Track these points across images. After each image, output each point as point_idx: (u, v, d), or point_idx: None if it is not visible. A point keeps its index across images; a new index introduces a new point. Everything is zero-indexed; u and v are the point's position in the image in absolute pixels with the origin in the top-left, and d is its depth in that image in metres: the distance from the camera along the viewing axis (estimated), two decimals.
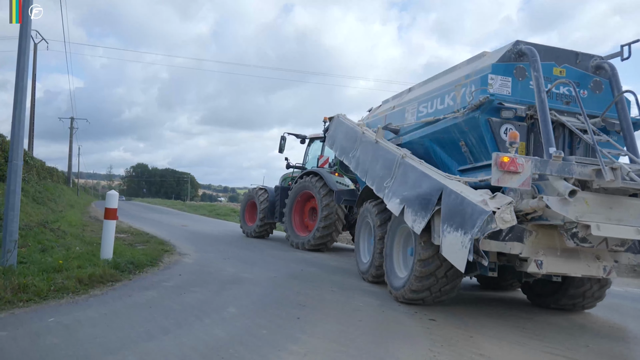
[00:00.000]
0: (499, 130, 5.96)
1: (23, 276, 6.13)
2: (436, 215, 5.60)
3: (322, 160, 13.44)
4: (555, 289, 6.78)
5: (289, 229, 12.99)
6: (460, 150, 6.74)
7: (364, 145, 8.53)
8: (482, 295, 7.63)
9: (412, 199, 6.17)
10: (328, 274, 8.48)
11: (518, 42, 6.24)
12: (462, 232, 4.96)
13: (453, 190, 5.47)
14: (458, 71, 7.16)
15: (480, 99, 5.95)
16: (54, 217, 15.69)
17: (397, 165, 7.02)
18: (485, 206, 4.78)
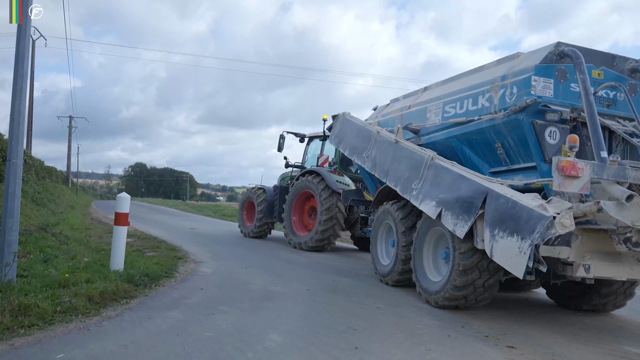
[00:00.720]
0: (544, 133, 5.69)
1: (24, 294, 5.01)
2: (479, 219, 5.32)
3: (322, 160, 12.88)
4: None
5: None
6: (495, 152, 6.47)
7: (380, 145, 8.08)
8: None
9: (451, 202, 5.84)
10: (363, 284, 7.50)
11: (560, 44, 5.91)
12: (519, 238, 4.67)
13: (501, 194, 5.19)
14: (487, 72, 6.86)
15: (526, 101, 5.66)
16: (55, 219, 14.15)
17: (425, 166, 6.62)
18: (544, 211, 4.54)
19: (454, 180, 6.08)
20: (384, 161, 7.84)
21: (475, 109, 6.60)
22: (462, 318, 5.62)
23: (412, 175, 6.92)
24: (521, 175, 6.12)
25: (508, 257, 4.84)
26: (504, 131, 6.18)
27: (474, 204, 5.46)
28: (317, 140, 13.31)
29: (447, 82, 7.83)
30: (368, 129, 8.72)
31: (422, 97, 8.23)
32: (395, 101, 9.44)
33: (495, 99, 6.24)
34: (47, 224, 11.25)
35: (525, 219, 4.71)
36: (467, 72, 7.50)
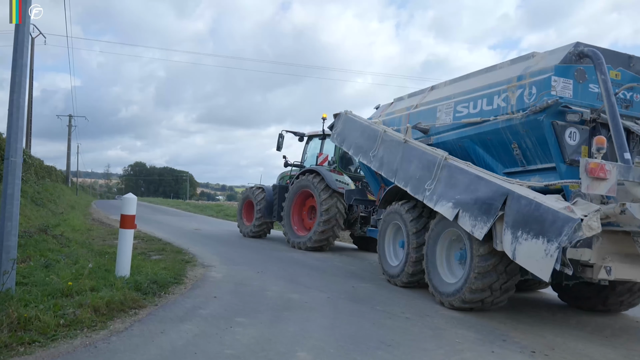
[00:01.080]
0: (564, 134, 5.53)
1: (24, 304, 4.44)
2: (499, 221, 5.17)
3: (321, 158, 12.56)
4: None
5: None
6: (510, 153, 6.28)
7: (388, 145, 7.83)
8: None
9: (468, 203, 5.66)
10: (384, 290, 6.94)
11: (579, 44, 5.73)
12: (545, 240, 4.54)
13: (523, 195, 5.03)
14: (501, 71, 6.67)
15: (547, 102, 5.47)
16: (56, 220, 13.40)
17: (439, 166, 6.41)
18: (572, 214, 4.41)
19: (471, 181, 5.91)
20: (392, 161, 7.61)
21: (490, 109, 6.42)
22: (497, 329, 5.16)
23: (424, 175, 6.71)
24: (538, 177, 5.96)
25: (533, 260, 4.69)
26: (522, 132, 6.01)
27: (494, 205, 5.28)
28: (317, 139, 12.93)
29: (457, 82, 7.60)
30: (374, 128, 8.47)
31: (430, 97, 7.99)
32: (399, 100, 9.18)
33: (512, 99, 6.09)
34: (48, 225, 10.55)
35: (550, 221, 4.56)
36: (478, 72, 7.30)
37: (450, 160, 6.41)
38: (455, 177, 6.19)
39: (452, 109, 7.11)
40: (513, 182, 5.57)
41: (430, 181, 6.50)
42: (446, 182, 6.27)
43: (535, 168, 6.09)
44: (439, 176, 6.40)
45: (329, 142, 12.32)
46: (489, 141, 6.56)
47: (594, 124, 5.73)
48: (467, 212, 5.72)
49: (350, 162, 12.54)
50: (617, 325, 5.92)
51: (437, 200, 6.30)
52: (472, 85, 6.98)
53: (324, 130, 12.09)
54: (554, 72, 5.66)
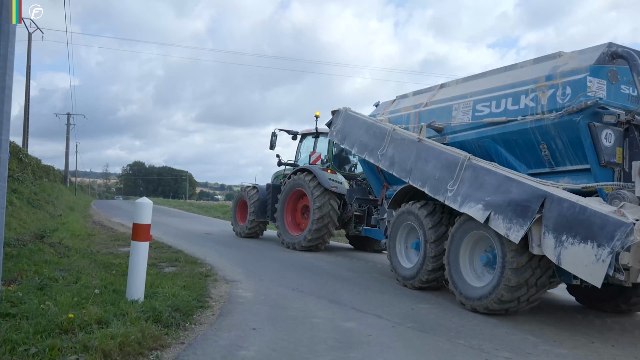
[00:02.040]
0: (600, 136, 5.12)
1: (9, 349, 3.24)
2: (535, 224, 4.83)
3: (314, 157, 11.92)
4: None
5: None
6: (537, 154, 5.89)
7: (399, 143, 7.30)
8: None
9: (502, 206, 5.24)
10: (449, 313, 5.70)
11: (611, 44, 5.39)
12: (595, 245, 4.23)
13: (564, 198, 4.66)
14: (522, 71, 6.29)
15: (586, 102, 5.11)
16: (53, 224, 11.62)
17: (462, 167, 5.95)
18: (623, 217, 4.14)
19: (501, 183, 5.45)
20: (405, 160, 7.07)
21: (517, 109, 6.00)
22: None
23: (444, 175, 6.23)
24: (568, 178, 5.59)
25: (582, 265, 4.36)
26: (554, 132, 5.59)
27: (530, 207, 4.90)
28: (310, 137, 12.19)
29: (471, 80, 7.12)
30: (381, 126, 7.89)
31: (441, 95, 7.47)
32: (403, 98, 8.58)
33: (542, 99, 5.70)
34: (45, 230, 8.93)
35: (599, 225, 4.25)
36: (496, 70, 6.87)
37: (474, 161, 5.92)
38: (482, 178, 5.71)
39: (470, 108, 6.65)
40: (547, 184, 5.13)
41: (453, 182, 6.05)
42: (471, 183, 5.81)
43: (565, 170, 5.69)
44: (462, 177, 5.95)
45: (322, 141, 11.65)
46: (514, 141, 6.08)
47: (627, 126, 5.35)
48: (500, 214, 5.27)
49: (345, 160, 11.88)
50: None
51: (463, 202, 5.80)
52: (492, 84, 6.52)
53: (317, 129, 11.49)
54: (590, 73, 5.28)
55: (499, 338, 4.69)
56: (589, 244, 4.35)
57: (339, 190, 10.31)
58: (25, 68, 29.15)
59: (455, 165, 6.10)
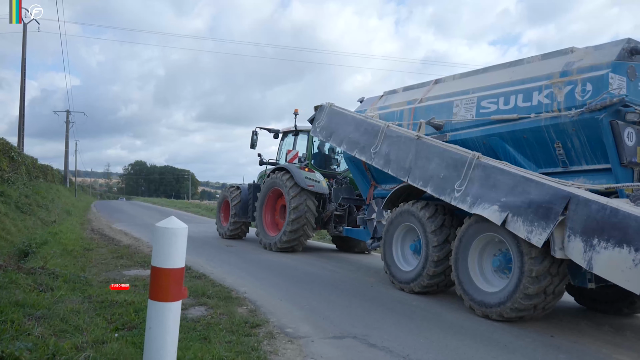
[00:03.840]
0: (623, 134, 4.89)
1: None
2: (558, 226, 4.57)
3: (291, 155, 11.52)
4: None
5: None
6: (550, 152, 5.62)
7: (394, 141, 6.89)
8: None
9: (520, 207, 4.93)
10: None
11: (631, 40, 5.15)
12: (632, 249, 3.99)
13: (591, 199, 4.39)
14: (531, 66, 6.02)
15: (610, 99, 4.84)
16: (43, 234, 9.74)
17: (470, 166, 5.62)
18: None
19: (517, 183, 5.14)
20: (403, 158, 6.66)
21: (528, 106, 5.70)
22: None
23: (450, 175, 5.88)
24: (583, 178, 5.33)
25: (618, 270, 4.13)
26: (571, 131, 5.32)
27: (553, 209, 4.62)
28: (291, 135, 11.74)
29: (472, 75, 6.77)
30: (373, 123, 7.46)
31: (437, 91, 7.10)
32: (392, 93, 8.18)
33: (558, 95, 5.42)
34: (30, 245, 7.26)
35: (635, 229, 4.01)
36: (499, 66, 6.55)
37: (483, 160, 5.58)
38: (494, 178, 5.38)
39: (474, 104, 6.33)
40: (569, 184, 4.85)
41: (460, 181, 5.71)
42: (482, 183, 5.48)
43: (580, 169, 5.44)
44: (472, 176, 5.63)
45: (302, 138, 11.16)
46: (525, 139, 5.77)
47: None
48: (519, 216, 4.95)
49: (326, 158, 11.40)
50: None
51: (474, 203, 5.45)
52: (498, 80, 6.20)
53: (297, 126, 11.02)
54: (611, 69, 5.03)
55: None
56: (625, 249, 4.10)
57: (316, 189, 9.77)
58: (21, 61, 24.81)
59: (463, 164, 5.74)
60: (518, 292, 4.99)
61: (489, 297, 5.34)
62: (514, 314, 5.09)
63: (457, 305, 5.99)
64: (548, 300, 5.08)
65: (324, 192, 9.79)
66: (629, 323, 5.82)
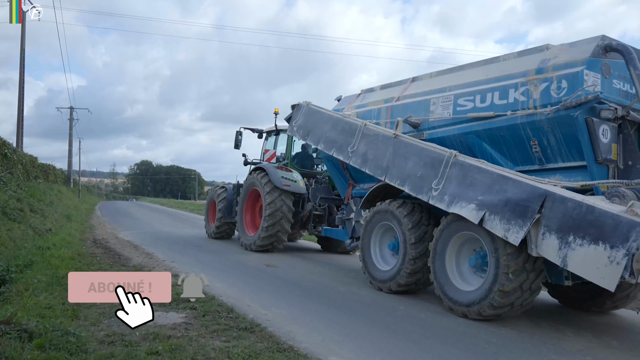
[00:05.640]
0: (598, 131, 4.87)
1: None
2: (534, 224, 4.55)
3: (268, 155, 11.57)
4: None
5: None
6: (526, 150, 5.61)
7: (372, 139, 6.85)
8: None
9: (498, 205, 4.89)
10: None
11: (605, 37, 5.15)
12: (607, 246, 3.99)
13: (568, 197, 4.37)
14: (507, 63, 6.01)
15: (585, 97, 4.82)
16: (30, 250, 7.63)
17: (447, 164, 5.60)
18: (637, 217, 3.92)
19: (494, 181, 5.09)
20: (380, 157, 6.60)
21: (505, 103, 5.68)
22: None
23: (427, 173, 5.83)
24: (559, 175, 5.34)
25: (593, 268, 4.12)
26: (547, 128, 5.30)
27: (530, 207, 4.60)
28: (273, 135, 11.74)
29: (448, 73, 6.75)
30: (351, 121, 7.39)
31: (414, 88, 7.03)
32: (369, 92, 8.10)
33: (534, 93, 5.40)
34: (7, 270, 5.57)
35: (611, 226, 4.02)
36: (476, 64, 6.51)
37: (460, 158, 5.53)
38: (471, 176, 5.33)
39: (451, 102, 6.28)
40: (545, 182, 4.82)
41: (438, 180, 5.67)
42: (460, 182, 5.43)
43: (556, 167, 5.43)
44: (449, 175, 5.58)
45: (283, 138, 11.10)
46: (502, 137, 5.73)
47: (620, 122, 5.15)
48: (496, 215, 4.90)
49: (307, 157, 11.33)
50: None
51: (452, 201, 5.39)
52: (474, 78, 6.15)
53: (277, 126, 10.96)
54: (586, 66, 5.01)
55: None
56: (600, 246, 4.09)
57: (292, 188, 9.65)
58: (19, 60, 22.49)
59: (440, 163, 5.68)
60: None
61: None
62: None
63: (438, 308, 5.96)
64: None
65: (301, 192, 9.69)
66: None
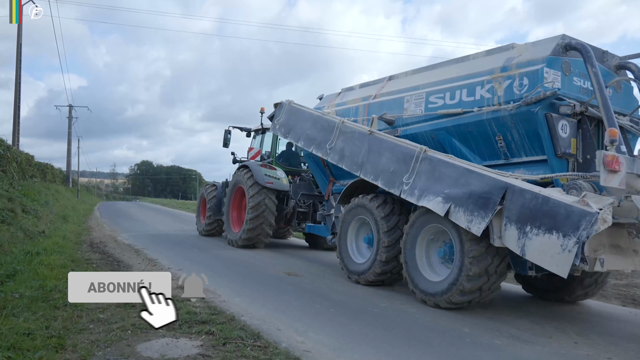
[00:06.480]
0: (557, 126, 5.08)
1: None
2: (496, 216, 4.71)
3: (252, 153, 11.73)
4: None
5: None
6: (492, 145, 5.78)
7: (349, 136, 7.00)
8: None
9: (462, 198, 5.07)
10: None
11: (565, 36, 5.33)
12: (560, 235, 4.16)
13: (526, 189, 4.56)
14: (476, 62, 6.21)
15: (544, 93, 5.01)
16: (17, 256, 6.74)
17: (417, 159, 5.77)
18: (588, 207, 4.10)
19: (460, 175, 5.28)
20: (356, 153, 6.77)
21: (472, 100, 5.86)
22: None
23: (399, 168, 6.00)
24: (523, 169, 5.52)
25: (547, 256, 4.28)
26: (510, 123, 5.50)
27: (492, 199, 4.78)
28: (260, 133, 11.97)
29: (422, 72, 6.96)
30: (329, 119, 7.56)
31: (390, 87, 7.22)
32: (349, 90, 8.32)
33: (498, 90, 5.60)
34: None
35: (564, 215, 4.18)
36: (447, 62, 6.71)
37: (430, 153, 5.71)
38: (440, 171, 5.53)
39: (423, 100, 6.48)
40: (507, 175, 5.01)
41: (408, 175, 5.85)
42: (429, 176, 5.62)
43: (520, 161, 5.64)
44: (419, 169, 5.76)
45: (269, 136, 11.32)
46: (469, 133, 5.91)
47: (580, 117, 5.35)
48: (460, 207, 5.10)
49: (293, 155, 11.51)
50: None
51: (421, 195, 5.59)
52: (445, 76, 6.34)
53: (263, 124, 11.11)
54: (546, 64, 5.23)
55: None
56: (554, 235, 4.27)
57: (275, 186, 9.83)
58: (16, 45, 21.32)
59: (411, 158, 5.86)
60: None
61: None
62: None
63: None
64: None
65: (284, 189, 9.83)
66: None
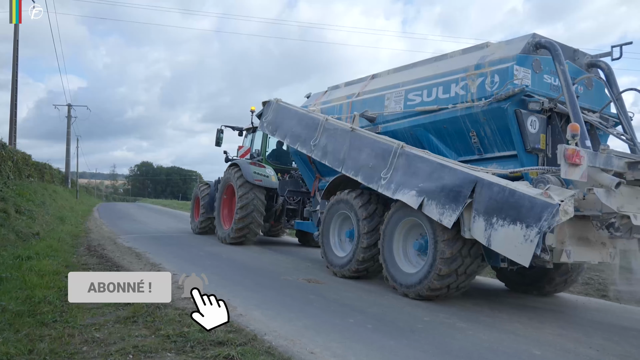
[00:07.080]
0: (526, 122, 5.23)
1: None
2: (466, 208, 4.87)
3: (242, 151, 11.92)
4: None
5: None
6: (467, 141, 5.94)
7: (331, 133, 7.17)
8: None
9: (434, 192, 5.25)
10: None
11: (536, 35, 5.50)
12: (524, 226, 4.32)
13: (494, 182, 4.72)
14: (453, 60, 6.36)
15: (513, 90, 5.17)
16: (3, 261, 6.13)
17: (395, 155, 5.94)
18: (550, 199, 4.23)
19: (434, 169, 5.45)
20: (338, 150, 6.93)
21: (447, 97, 6.03)
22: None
23: (378, 164, 6.16)
24: (496, 164, 5.66)
25: (511, 246, 4.43)
26: (482, 120, 5.65)
27: (462, 193, 4.95)
28: (251, 132, 12.15)
29: (402, 70, 7.11)
30: (314, 116, 7.72)
31: (373, 85, 7.40)
32: (335, 89, 8.50)
33: (472, 87, 5.77)
34: None
35: (527, 207, 4.35)
36: (426, 61, 6.90)
37: (407, 149, 5.86)
38: (415, 166, 5.68)
39: (402, 97, 6.64)
40: (478, 170, 5.16)
41: (386, 170, 6.00)
42: (405, 171, 5.78)
43: (493, 156, 5.80)
44: (396, 165, 5.91)
45: (259, 134, 11.51)
46: (445, 129, 6.08)
47: (549, 113, 5.51)
48: (433, 200, 5.27)
49: (284, 153, 11.66)
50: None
51: (397, 189, 5.75)
52: (423, 74, 6.50)
53: (253, 123, 11.24)
54: (516, 62, 5.40)
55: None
56: (517, 225, 4.40)
57: (264, 183, 10.00)
58: (13, 42, 19.18)
59: (389, 154, 6.03)
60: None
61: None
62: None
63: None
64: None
65: (273, 187, 9.97)
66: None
